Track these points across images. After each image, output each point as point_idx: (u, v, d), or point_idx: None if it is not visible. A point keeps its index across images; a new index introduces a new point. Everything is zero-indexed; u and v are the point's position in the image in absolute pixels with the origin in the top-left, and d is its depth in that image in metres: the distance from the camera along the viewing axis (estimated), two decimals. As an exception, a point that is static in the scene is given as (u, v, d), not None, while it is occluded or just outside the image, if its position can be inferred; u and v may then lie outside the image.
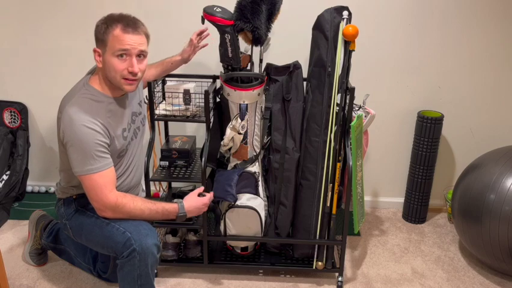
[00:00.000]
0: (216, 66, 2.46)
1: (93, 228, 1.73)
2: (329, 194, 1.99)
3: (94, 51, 1.65)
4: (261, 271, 2.16)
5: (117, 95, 1.73)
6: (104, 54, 1.64)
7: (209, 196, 1.88)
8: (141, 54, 1.66)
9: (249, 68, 2.04)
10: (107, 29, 1.60)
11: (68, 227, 1.81)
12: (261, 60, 2.08)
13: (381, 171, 2.70)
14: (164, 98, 2.11)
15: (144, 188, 2.15)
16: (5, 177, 2.58)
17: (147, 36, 1.68)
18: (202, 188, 1.91)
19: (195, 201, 1.84)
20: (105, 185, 1.64)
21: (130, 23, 1.62)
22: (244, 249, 2.15)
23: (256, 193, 2.01)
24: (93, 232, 1.73)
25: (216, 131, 2.05)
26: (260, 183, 2.04)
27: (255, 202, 1.98)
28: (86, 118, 1.60)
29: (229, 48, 1.85)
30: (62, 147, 1.69)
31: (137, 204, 1.70)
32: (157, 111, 1.99)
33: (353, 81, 2.01)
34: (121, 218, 1.69)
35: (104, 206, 1.65)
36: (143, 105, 1.94)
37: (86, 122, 1.60)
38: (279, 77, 1.97)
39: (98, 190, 1.63)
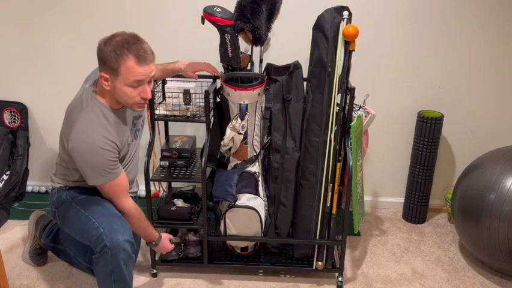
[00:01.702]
0: (216, 66, 2.46)
1: (73, 219, 1.76)
2: (329, 194, 1.99)
3: (101, 76, 1.62)
4: (261, 271, 2.16)
5: (119, 107, 1.74)
6: (114, 81, 1.62)
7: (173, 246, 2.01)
8: (151, 78, 1.67)
9: (249, 68, 2.04)
10: (119, 58, 1.56)
11: (56, 215, 1.86)
12: (261, 60, 2.08)
13: (381, 171, 2.70)
14: (164, 98, 2.11)
15: (140, 186, 2.15)
16: (5, 177, 2.58)
17: (154, 58, 1.66)
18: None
19: (167, 243, 1.97)
20: (121, 192, 1.76)
21: (141, 55, 1.59)
22: (244, 249, 2.15)
23: (256, 193, 2.01)
24: (73, 223, 1.77)
25: (216, 131, 2.05)
26: (260, 183, 2.04)
27: (255, 202, 1.98)
28: (98, 137, 1.64)
29: (229, 48, 1.85)
30: (63, 150, 1.73)
31: (142, 221, 1.85)
32: (157, 111, 1.99)
33: (353, 81, 2.01)
34: (131, 226, 1.78)
35: (125, 205, 1.78)
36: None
37: (97, 142, 1.64)
38: (279, 77, 1.97)
39: (116, 195, 1.76)
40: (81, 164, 1.67)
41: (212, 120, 2.01)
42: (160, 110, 2.01)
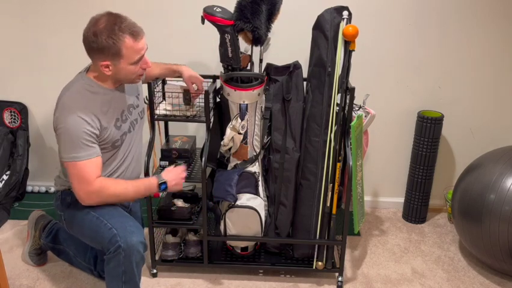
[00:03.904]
0: (216, 66, 2.46)
1: (83, 221, 1.75)
2: (329, 194, 1.99)
3: (101, 66, 1.63)
4: (261, 271, 2.16)
5: (114, 86, 1.75)
6: (117, 65, 1.64)
7: (184, 166, 1.90)
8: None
9: (249, 68, 2.04)
10: (117, 42, 1.58)
11: (63, 219, 1.84)
12: (261, 60, 2.09)
13: (381, 171, 2.70)
14: (164, 98, 2.11)
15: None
16: (5, 177, 2.58)
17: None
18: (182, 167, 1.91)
19: (172, 170, 1.86)
20: (90, 172, 1.65)
21: (134, 31, 1.62)
22: (244, 249, 2.15)
23: (256, 193, 2.01)
24: (83, 225, 1.76)
25: (216, 131, 2.05)
26: (260, 183, 2.04)
27: (255, 202, 1.98)
28: (79, 107, 1.63)
29: (229, 48, 1.85)
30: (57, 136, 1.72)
31: (120, 184, 1.73)
32: (157, 111, 1.99)
33: (353, 81, 2.01)
34: (107, 201, 1.71)
35: (89, 192, 1.66)
36: (142, 98, 1.96)
37: (78, 111, 1.62)
38: (279, 77, 1.97)
39: (82, 177, 1.64)
40: (59, 134, 1.64)
41: (212, 120, 2.00)
42: (160, 110, 2.01)
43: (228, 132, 1.92)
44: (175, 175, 1.83)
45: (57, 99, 1.69)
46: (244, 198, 1.97)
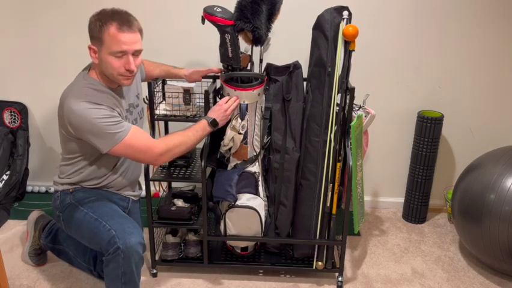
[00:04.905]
0: (216, 66, 2.46)
1: (82, 223, 1.75)
2: (329, 194, 1.99)
3: (89, 48, 1.66)
4: (261, 271, 2.16)
5: (114, 86, 1.75)
6: (100, 52, 1.64)
7: (225, 99, 1.87)
8: (136, 52, 1.67)
9: (249, 68, 2.04)
10: (102, 27, 1.60)
11: (61, 219, 1.84)
12: (261, 60, 2.09)
13: (381, 171, 2.70)
14: (164, 98, 2.11)
15: (143, 187, 2.15)
16: (5, 177, 2.58)
17: (141, 32, 1.69)
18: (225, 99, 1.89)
19: (214, 107, 1.87)
20: (144, 139, 1.69)
21: (124, 21, 1.61)
22: (244, 249, 2.15)
23: (256, 193, 2.01)
24: (81, 227, 1.75)
25: (216, 131, 2.05)
26: (260, 183, 2.04)
27: (255, 202, 1.98)
28: (90, 103, 1.63)
29: (229, 48, 1.85)
30: (67, 138, 1.71)
31: (179, 133, 1.78)
32: (157, 111, 1.99)
33: (353, 81, 2.01)
34: (177, 152, 1.77)
35: (158, 154, 1.71)
36: (141, 98, 1.96)
37: (90, 105, 1.62)
38: (279, 77, 1.97)
39: (142, 148, 1.68)
40: (89, 136, 1.63)
41: (212, 120, 2.00)
42: (160, 110, 2.01)
43: (228, 132, 1.92)
44: (217, 112, 1.85)
45: (60, 101, 1.68)
46: (244, 198, 1.97)
